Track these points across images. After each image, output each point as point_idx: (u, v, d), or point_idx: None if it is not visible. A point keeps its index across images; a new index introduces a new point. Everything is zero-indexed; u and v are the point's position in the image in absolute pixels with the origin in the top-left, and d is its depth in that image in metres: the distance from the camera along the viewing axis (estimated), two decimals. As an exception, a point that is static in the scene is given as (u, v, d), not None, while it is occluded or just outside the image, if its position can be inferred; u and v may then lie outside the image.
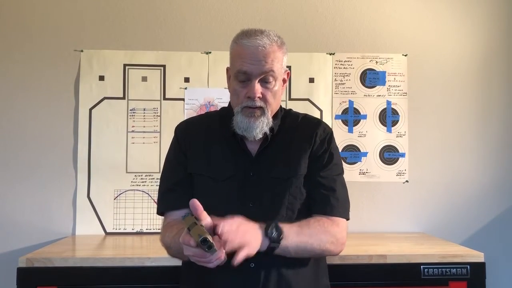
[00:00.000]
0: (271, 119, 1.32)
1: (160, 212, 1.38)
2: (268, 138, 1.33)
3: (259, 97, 1.28)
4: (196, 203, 1.06)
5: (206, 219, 1.07)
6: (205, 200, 1.24)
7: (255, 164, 1.33)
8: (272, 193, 1.30)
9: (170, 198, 1.35)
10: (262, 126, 1.29)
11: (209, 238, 0.99)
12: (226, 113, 1.40)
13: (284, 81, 1.36)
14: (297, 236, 1.21)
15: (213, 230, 1.07)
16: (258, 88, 1.27)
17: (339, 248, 1.31)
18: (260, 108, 1.29)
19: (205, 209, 1.07)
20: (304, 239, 1.22)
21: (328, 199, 1.32)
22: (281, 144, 1.35)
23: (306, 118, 1.44)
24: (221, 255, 1.04)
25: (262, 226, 1.18)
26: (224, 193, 1.30)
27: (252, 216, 1.20)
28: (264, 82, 1.28)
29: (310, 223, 1.26)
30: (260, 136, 1.31)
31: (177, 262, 1.35)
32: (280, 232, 1.18)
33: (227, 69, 1.38)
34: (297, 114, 1.45)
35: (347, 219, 1.35)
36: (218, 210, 1.14)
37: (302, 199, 1.33)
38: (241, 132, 1.31)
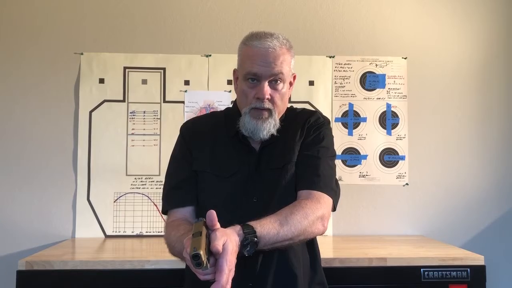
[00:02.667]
0: (278, 121, 1.33)
1: (165, 211, 1.37)
2: (274, 137, 1.33)
3: (267, 99, 1.30)
4: (213, 214, 1.02)
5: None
6: (210, 197, 1.27)
7: (258, 160, 1.34)
8: (271, 183, 1.31)
9: (175, 196, 1.35)
10: (269, 128, 1.31)
11: (202, 255, 0.93)
12: (231, 113, 1.42)
13: (290, 84, 1.38)
14: (276, 236, 1.14)
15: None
16: (267, 89, 1.29)
17: (322, 228, 1.25)
18: (268, 110, 1.31)
19: (211, 207, 1.05)
20: (283, 235, 1.15)
21: (309, 174, 1.30)
22: (281, 139, 1.35)
23: (304, 110, 1.46)
24: (211, 277, 0.99)
25: (240, 236, 1.08)
26: (229, 190, 1.31)
27: (256, 210, 1.21)
28: (273, 84, 1.30)
29: (289, 216, 1.17)
30: (267, 137, 1.32)
31: (177, 266, 1.35)
32: (255, 246, 1.10)
33: (234, 71, 1.40)
34: (296, 109, 1.47)
35: (331, 198, 1.29)
36: (224, 207, 1.14)
37: None
38: (247, 134, 1.32)
